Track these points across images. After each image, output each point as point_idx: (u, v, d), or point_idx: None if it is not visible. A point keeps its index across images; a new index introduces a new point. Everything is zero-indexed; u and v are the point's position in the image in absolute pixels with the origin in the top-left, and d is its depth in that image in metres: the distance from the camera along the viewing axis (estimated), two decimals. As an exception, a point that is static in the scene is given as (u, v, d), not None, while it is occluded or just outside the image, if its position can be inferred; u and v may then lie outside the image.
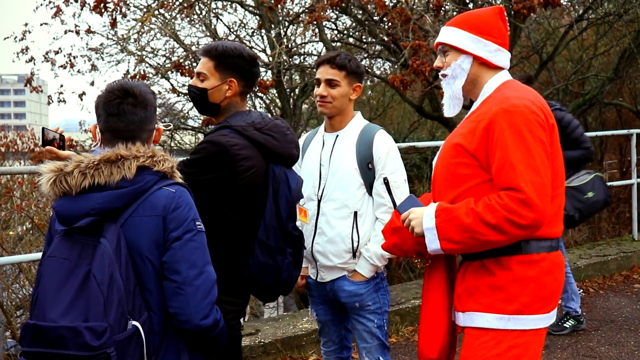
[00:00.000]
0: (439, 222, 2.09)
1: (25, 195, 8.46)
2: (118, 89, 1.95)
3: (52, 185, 1.85)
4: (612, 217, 9.68)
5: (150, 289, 1.88)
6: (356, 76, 2.89)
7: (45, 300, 1.75)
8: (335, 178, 2.84)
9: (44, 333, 1.70)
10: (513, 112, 2.06)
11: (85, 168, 1.84)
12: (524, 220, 1.98)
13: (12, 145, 14.70)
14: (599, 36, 10.36)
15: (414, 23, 6.83)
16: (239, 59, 2.42)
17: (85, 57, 10.08)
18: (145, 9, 8.83)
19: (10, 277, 6.46)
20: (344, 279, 2.86)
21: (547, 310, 2.15)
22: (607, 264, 6.23)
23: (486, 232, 2.01)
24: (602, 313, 5.22)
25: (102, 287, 1.73)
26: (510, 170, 2.01)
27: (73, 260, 1.77)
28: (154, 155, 1.93)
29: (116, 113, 1.93)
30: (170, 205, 1.89)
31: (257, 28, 9.27)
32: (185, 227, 1.90)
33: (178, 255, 1.87)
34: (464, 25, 2.27)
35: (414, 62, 6.44)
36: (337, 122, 2.92)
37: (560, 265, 2.19)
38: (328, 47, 8.39)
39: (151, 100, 1.99)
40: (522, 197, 1.98)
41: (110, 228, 1.82)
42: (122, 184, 1.85)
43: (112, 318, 1.73)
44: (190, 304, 1.87)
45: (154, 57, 9.73)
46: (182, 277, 1.87)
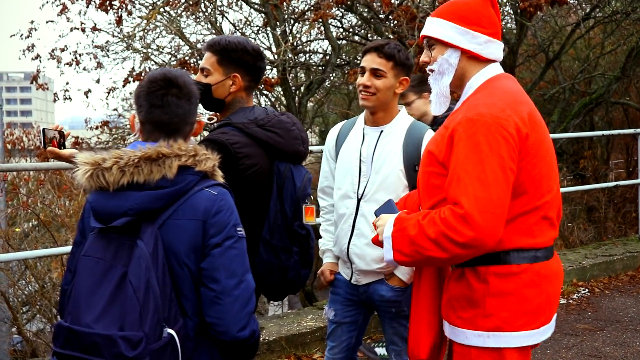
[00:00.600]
0: (394, 232, 1.98)
1: (31, 192, 8.49)
2: (161, 79, 1.85)
3: (88, 178, 1.78)
4: (618, 217, 9.65)
5: (186, 295, 1.81)
6: (404, 68, 2.65)
7: (80, 302, 1.71)
8: (380, 177, 2.64)
9: (78, 337, 1.66)
10: (475, 121, 1.89)
11: (124, 165, 1.76)
12: (461, 237, 1.81)
13: (19, 143, 14.77)
14: (606, 35, 10.32)
15: (420, 21, 6.80)
16: (242, 53, 2.36)
17: (91, 54, 10.10)
18: (151, 6, 8.84)
19: (17, 274, 6.48)
20: (382, 282, 2.68)
21: (535, 326, 1.97)
22: (612, 264, 6.20)
23: (428, 246, 1.87)
24: (608, 313, 5.19)
25: (138, 294, 1.66)
26: (457, 184, 1.86)
27: (108, 261, 1.72)
28: (196, 154, 1.83)
29: (160, 105, 1.83)
30: (211, 209, 1.81)
31: (262, 26, 9.26)
32: (226, 233, 1.81)
33: (217, 263, 1.79)
34: (450, 15, 2.07)
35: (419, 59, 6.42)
36: (379, 117, 2.69)
37: (550, 276, 2.01)
38: (333, 45, 8.38)
39: (194, 91, 1.90)
40: (461, 213, 1.82)
41: (147, 229, 1.74)
42: (162, 184, 1.77)
43: (148, 326, 1.67)
44: (228, 314, 1.79)
45: (159, 55, 9.73)
46: (221, 286, 1.79)
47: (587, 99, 9.69)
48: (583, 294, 5.66)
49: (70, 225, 6.62)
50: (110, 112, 11.32)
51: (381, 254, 2.52)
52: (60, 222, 6.85)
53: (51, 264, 5.98)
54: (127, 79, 9.39)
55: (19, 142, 14.84)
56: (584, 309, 5.29)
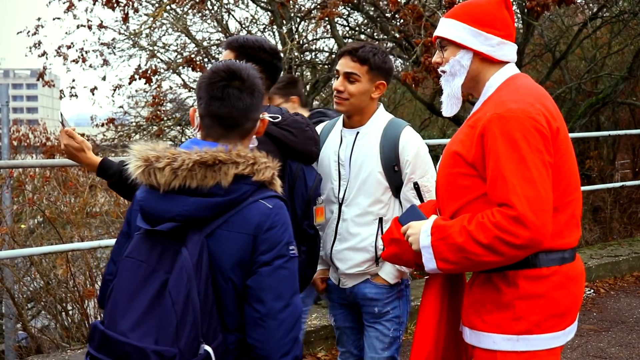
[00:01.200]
0: (434, 241, 1.92)
1: (37, 189, 8.51)
2: (224, 70, 1.75)
3: (140, 174, 1.70)
4: (624, 218, 9.60)
5: (228, 310, 1.72)
6: (380, 72, 2.56)
7: (118, 305, 1.64)
8: (358, 181, 2.56)
9: (111, 344, 1.61)
10: (508, 117, 1.86)
11: (178, 168, 1.65)
12: (518, 239, 1.78)
13: (25, 139, 14.79)
14: (613, 35, 10.26)
15: (427, 20, 6.79)
16: (259, 51, 2.37)
17: (97, 51, 10.11)
18: (157, 4, 8.84)
19: (22, 270, 6.50)
20: (366, 281, 2.63)
21: (562, 327, 1.97)
22: (618, 265, 6.18)
23: (480, 252, 1.83)
24: (613, 314, 5.18)
25: (176, 307, 1.58)
26: (502, 184, 1.82)
27: (151, 265, 1.64)
28: (255, 162, 1.72)
29: (220, 97, 1.73)
30: (264, 224, 1.69)
31: (268, 24, 9.26)
32: (277, 252, 1.70)
33: (265, 283, 1.68)
34: (463, 16, 2.05)
35: (426, 59, 6.40)
36: (356, 120, 2.63)
37: (576, 277, 2.00)
38: (339, 44, 8.37)
39: (259, 85, 1.79)
40: (514, 214, 1.78)
41: (193, 238, 1.65)
42: (215, 191, 1.66)
43: (184, 342, 1.58)
44: (271, 339, 1.68)
45: (165, 52, 9.75)
46: (267, 308, 1.68)
47: (594, 99, 9.65)
48: (588, 294, 5.64)
49: (75, 222, 6.63)
50: (116, 110, 11.35)
51: (363, 257, 2.56)
52: (65, 219, 6.86)
53: (56, 260, 5.99)
54: (133, 77, 9.39)
55: (25, 138, 14.87)
56: (590, 309, 5.28)
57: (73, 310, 6.10)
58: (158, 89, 9.81)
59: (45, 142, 14.37)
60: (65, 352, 4.27)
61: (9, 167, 5.14)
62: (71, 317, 6.10)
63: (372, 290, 2.61)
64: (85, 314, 5.72)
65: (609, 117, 11.38)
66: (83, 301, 5.71)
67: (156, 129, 9.70)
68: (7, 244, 6.16)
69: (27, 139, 14.88)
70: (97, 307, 5.80)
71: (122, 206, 6.93)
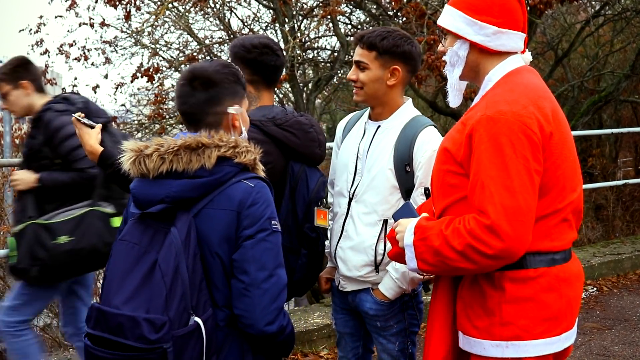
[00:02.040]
0: (416, 240, 1.86)
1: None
2: (185, 71, 1.91)
3: (131, 164, 1.82)
4: (626, 216, 9.60)
5: (217, 285, 1.82)
6: (393, 56, 2.38)
7: (111, 284, 1.74)
8: (369, 177, 2.42)
9: (106, 318, 1.69)
10: (496, 120, 1.76)
11: (164, 152, 1.78)
12: (490, 249, 1.70)
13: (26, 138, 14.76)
14: (616, 32, 10.25)
15: (429, 18, 6.78)
16: (239, 48, 2.39)
17: (99, 49, 10.11)
18: (159, 2, 8.84)
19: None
20: (367, 292, 2.47)
21: (557, 333, 1.85)
22: (621, 263, 6.17)
23: (454, 257, 1.76)
24: (616, 312, 5.17)
25: (165, 279, 1.68)
26: (481, 191, 1.74)
27: (143, 246, 1.74)
28: (237, 145, 1.84)
29: (179, 95, 1.88)
30: (246, 201, 1.80)
31: (271, 22, 9.25)
32: (259, 226, 1.81)
33: (248, 255, 1.79)
34: (461, 4, 1.93)
35: (429, 57, 6.40)
36: (378, 112, 2.48)
37: (569, 279, 1.89)
38: (342, 42, 8.36)
39: (216, 80, 1.86)
40: (488, 223, 1.70)
41: (182, 217, 1.77)
42: (200, 173, 1.78)
43: (174, 312, 1.68)
44: (256, 307, 1.78)
45: (167, 51, 9.75)
46: (251, 278, 1.78)
47: (596, 96, 9.64)
48: (591, 292, 5.64)
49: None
50: (118, 108, 11.34)
51: (362, 260, 2.45)
52: (68, 217, 6.87)
53: (59, 258, 5.99)
54: (135, 75, 9.40)
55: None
56: (592, 307, 5.27)
57: (75, 309, 6.10)
58: (160, 87, 9.81)
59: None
60: (68, 350, 4.27)
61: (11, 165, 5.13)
62: (74, 315, 6.10)
63: (372, 306, 2.47)
64: (88, 312, 5.73)
65: (611, 115, 11.37)
66: (85, 299, 5.71)
67: (158, 127, 9.70)
68: (10, 242, 6.15)
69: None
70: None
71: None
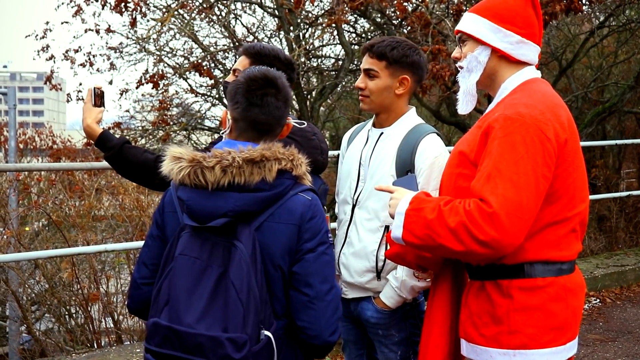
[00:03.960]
0: (409, 210, 1.87)
1: (42, 192, 8.53)
2: (262, 78, 1.84)
3: (185, 175, 1.76)
4: (629, 227, 9.57)
5: (277, 296, 1.83)
6: (402, 66, 2.42)
7: (179, 301, 1.70)
8: (372, 183, 2.43)
9: (180, 337, 1.66)
10: (514, 120, 1.81)
11: (227, 166, 1.74)
12: (483, 235, 1.72)
13: (31, 142, 14.83)
14: (620, 43, 10.25)
15: (434, 27, 6.80)
16: (274, 60, 2.41)
17: (104, 56, 10.16)
18: (165, 9, 8.88)
19: (27, 273, 6.51)
20: (369, 301, 2.48)
21: (562, 342, 1.88)
22: (624, 274, 6.15)
23: (444, 234, 1.77)
24: (619, 324, 5.15)
25: (241, 296, 1.68)
26: (486, 180, 1.77)
27: (204, 260, 1.72)
28: (294, 158, 1.84)
29: (259, 104, 1.83)
30: (307, 214, 1.82)
31: (275, 30, 9.29)
32: (319, 239, 1.83)
33: (312, 268, 1.81)
34: (485, 12, 1.99)
35: (434, 66, 6.41)
36: (383, 119, 2.51)
37: (574, 290, 1.92)
38: (347, 50, 8.39)
39: (290, 93, 1.91)
40: (488, 211, 1.72)
41: (244, 231, 1.74)
42: (261, 186, 1.76)
43: (250, 329, 1.68)
44: (321, 319, 1.81)
45: (172, 57, 9.78)
46: (315, 291, 1.81)
47: (600, 107, 9.63)
48: (594, 304, 5.62)
49: (81, 225, 6.65)
50: (122, 114, 11.39)
51: (363, 266, 2.44)
52: (71, 222, 6.87)
53: (61, 263, 6.00)
54: (140, 81, 9.43)
55: (31, 141, 14.91)
56: (595, 319, 5.25)
57: (77, 314, 6.10)
58: (164, 94, 9.84)
59: (52, 145, 14.41)
60: (70, 355, 4.26)
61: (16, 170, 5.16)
62: (75, 321, 6.11)
63: (374, 314, 2.48)
64: (90, 317, 5.73)
65: (615, 126, 11.36)
66: (87, 304, 5.71)
67: (162, 133, 9.73)
68: (14, 247, 6.17)
69: (33, 142, 14.92)
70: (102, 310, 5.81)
71: (127, 210, 6.94)
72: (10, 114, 6.90)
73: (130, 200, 7.00)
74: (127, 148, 2.45)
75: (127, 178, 2.56)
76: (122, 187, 7.31)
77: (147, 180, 2.45)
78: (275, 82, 1.85)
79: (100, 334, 5.77)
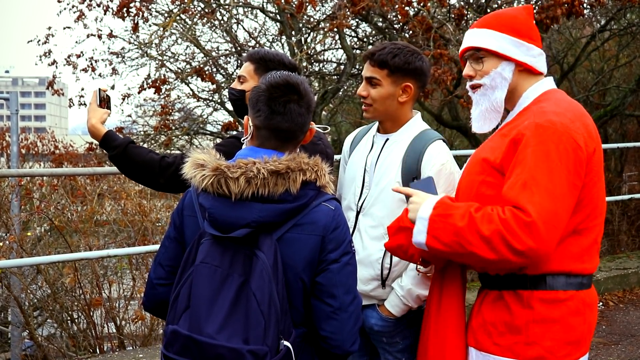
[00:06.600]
0: (434, 215, 1.82)
1: (44, 197, 8.54)
2: (284, 85, 1.80)
3: (208, 183, 1.72)
4: (632, 230, 9.56)
5: (297, 307, 1.81)
6: (405, 73, 2.36)
7: (200, 310, 1.68)
8: (377, 190, 2.40)
9: (200, 347, 1.64)
10: (547, 128, 1.78)
11: (252, 177, 1.71)
12: (520, 244, 1.68)
13: (33, 147, 14.86)
14: (621, 47, 10.27)
15: (435, 32, 6.81)
16: (279, 65, 2.41)
17: (106, 60, 10.19)
18: (167, 14, 8.91)
19: (29, 278, 6.51)
20: (373, 309, 2.43)
21: (576, 357, 1.87)
22: (627, 277, 6.14)
23: (475, 242, 1.72)
24: (622, 327, 5.14)
25: (262, 307, 1.66)
26: (521, 188, 1.73)
27: (225, 269, 1.70)
28: (319, 168, 1.80)
29: (282, 112, 1.78)
30: (330, 225, 1.79)
31: (277, 34, 9.31)
32: (343, 249, 1.80)
33: (336, 280, 1.79)
34: (501, 27, 1.95)
35: (435, 71, 6.42)
36: (388, 126, 2.47)
37: (592, 304, 1.92)
38: (348, 55, 8.40)
39: (313, 100, 1.86)
40: (527, 220, 1.68)
41: (266, 241, 1.72)
42: (285, 197, 1.73)
43: (270, 340, 1.66)
44: (344, 329, 1.80)
45: (174, 62, 9.81)
46: (339, 302, 1.79)
47: (602, 111, 9.64)
48: (597, 307, 5.61)
49: (83, 230, 6.65)
50: (124, 119, 11.41)
51: (368, 274, 2.37)
52: (73, 227, 6.88)
53: (63, 269, 6.00)
54: (142, 86, 9.45)
55: (33, 146, 14.94)
56: (598, 322, 5.24)
57: (80, 319, 6.10)
58: (167, 99, 9.86)
59: (54, 150, 14.43)
60: (73, 360, 4.26)
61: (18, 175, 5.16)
62: (78, 326, 6.10)
63: (378, 322, 2.43)
64: (92, 322, 5.72)
65: (617, 130, 11.36)
66: (90, 310, 5.71)
67: (164, 138, 9.74)
68: (15, 252, 6.17)
69: (35, 147, 14.94)
70: (105, 316, 5.81)
71: (129, 215, 6.94)
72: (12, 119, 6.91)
73: (133, 205, 7.01)
74: (132, 147, 2.43)
75: (132, 178, 2.54)
76: (124, 192, 7.32)
77: (152, 180, 2.44)
78: (297, 88, 1.81)
79: (103, 340, 5.76)
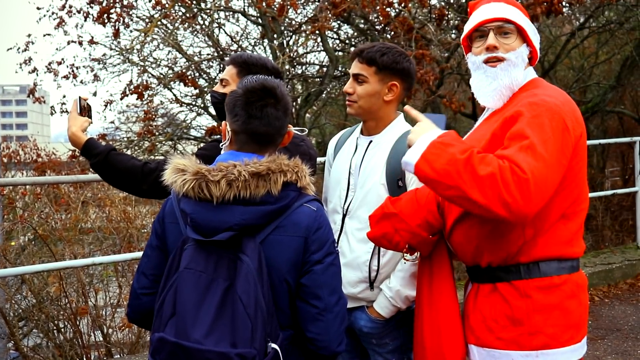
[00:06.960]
0: (435, 141, 1.76)
1: (28, 206, 8.46)
2: (260, 89, 1.80)
3: (189, 188, 1.72)
4: (615, 225, 9.66)
5: (283, 309, 1.81)
6: (392, 72, 2.38)
7: (186, 316, 1.67)
8: (363, 192, 2.40)
9: (187, 353, 1.63)
10: (540, 105, 1.80)
11: (234, 180, 1.71)
12: (510, 196, 1.64)
13: (15, 156, 14.71)
14: (601, 44, 10.38)
15: (417, 32, 6.84)
16: (261, 69, 2.40)
17: (88, 67, 10.11)
18: (148, 19, 8.87)
19: (13, 288, 6.45)
20: (362, 310, 2.44)
21: (578, 340, 1.90)
22: (611, 272, 6.20)
23: (467, 178, 1.67)
24: (608, 322, 5.19)
25: (248, 310, 1.65)
26: (520, 150, 1.71)
27: (210, 274, 1.69)
28: (299, 169, 1.81)
29: (259, 116, 1.79)
30: (312, 226, 1.79)
31: (259, 38, 9.30)
32: (326, 250, 1.81)
33: (320, 281, 1.79)
34: (522, 10, 1.95)
35: (418, 71, 6.45)
36: (371, 126, 2.47)
37: (584, 286, 1.95)
38: (331, 57, 8.41)
39: (290, 103, 1.87)
40: (523, 177, 1.65)
41: (249, 245, 1.71)
42: (267, 199, 1.74)
43: (258, 343, 1.66)
44: (330, 330, 1.81)
45: (156, 68, 9.76)
46: (324, 303, 1.80)
47: (583, 107, 9.73)
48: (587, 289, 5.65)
49: (68, 239, 6.59)
50: (107, 125, 11.33)
51: (356, 277, 2.38)
52: (57, 235, 6.82)
53: (49, 278, 5.95)
54: (124, 92, 9.39)
55: (15, 155, 14.79)
56: (584, 318, 5.29)
57: (66, 328, 6.04)
58: (149, 104, 9.81)
59: (36, 158, 14.29)
60: (59, 370, 4.22)
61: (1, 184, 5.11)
62: (64, 335, 6.04)
63: (367, 324, 2.43)
64: (79, 331, 5.67)
65: (598, 126, 11.48)
66: (76, 318, 5.66)
67: (148, 144, 9.69)
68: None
69: (17, 156, 14.80)
70: (91, 324, 5.76)
71: (114, 222, 6.89)
72: (-7, 128, 6.83)
73: (117, 212, 6.96)
74: (113, 155, 2.42)
75: (114, 186, 2.52)
76: (108, 199, 7.27)
77: (135, 187, 2.42)
78: (274, 91, 1.81)
79: (90, 348, 5.71)
